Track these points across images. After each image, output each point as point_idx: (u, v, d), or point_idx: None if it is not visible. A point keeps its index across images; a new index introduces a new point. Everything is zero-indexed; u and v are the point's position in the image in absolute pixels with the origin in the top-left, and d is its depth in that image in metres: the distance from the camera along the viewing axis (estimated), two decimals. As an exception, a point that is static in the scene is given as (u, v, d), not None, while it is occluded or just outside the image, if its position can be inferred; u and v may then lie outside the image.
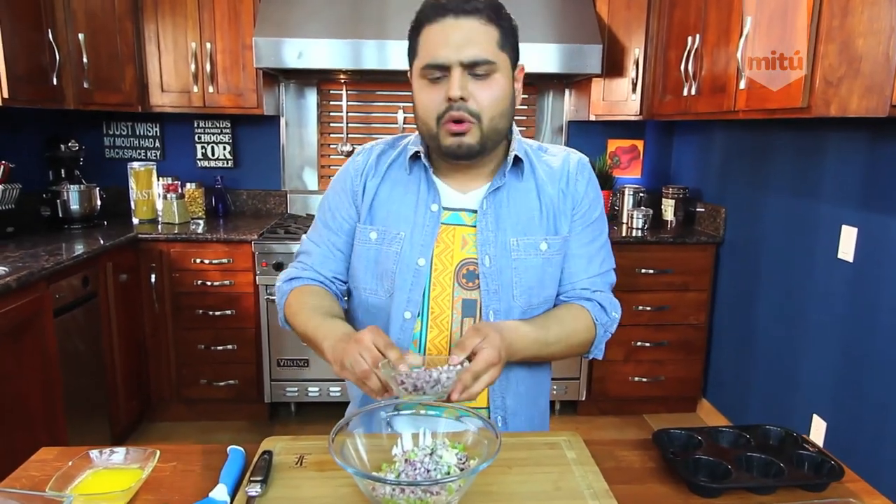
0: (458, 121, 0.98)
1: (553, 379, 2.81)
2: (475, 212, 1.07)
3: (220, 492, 0.83)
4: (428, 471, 0.78)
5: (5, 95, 2.17)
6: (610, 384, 2.92)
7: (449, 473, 0.79)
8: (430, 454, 0.81)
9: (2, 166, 2.43)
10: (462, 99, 0.96)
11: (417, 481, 0.76)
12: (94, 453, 0.87)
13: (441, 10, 0.97)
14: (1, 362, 1.82)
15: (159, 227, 2.85)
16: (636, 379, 2.92)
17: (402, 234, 1.07)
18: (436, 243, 1.06)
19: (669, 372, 2.93)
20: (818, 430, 2.14)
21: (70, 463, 0.83)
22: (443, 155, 1.04)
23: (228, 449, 0.94)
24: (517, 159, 1.07)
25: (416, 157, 1.09)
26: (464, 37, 0.96)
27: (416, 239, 1.06)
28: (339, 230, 1.13)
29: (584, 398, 2.91)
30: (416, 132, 1.10)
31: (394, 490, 0.72)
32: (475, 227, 1.06)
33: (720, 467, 0.89)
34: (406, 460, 0.80)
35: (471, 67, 0.97)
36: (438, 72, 0.98)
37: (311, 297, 1.09)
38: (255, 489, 0.81)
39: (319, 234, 1.16)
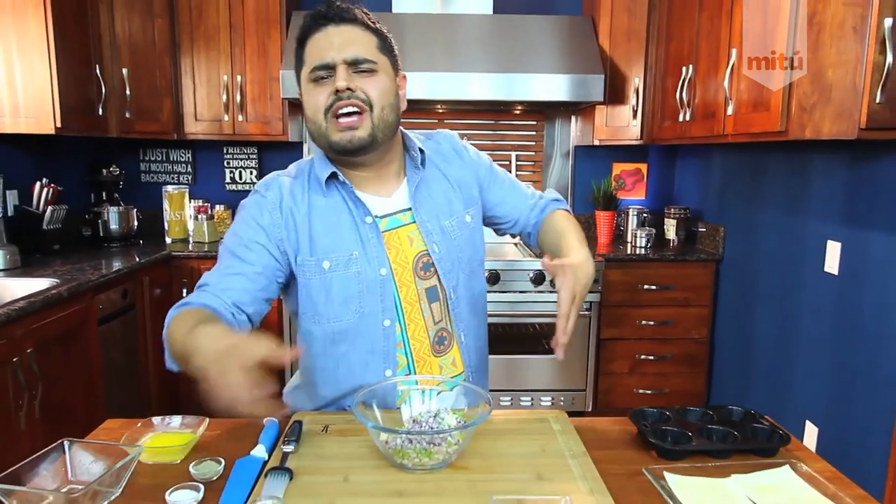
0: (348, 114, 1.04)
1: (559, 390, 2.98)
2: (408, 209, 1.17)
3: (260, 450, 0.99)
4: (432, 428, 0.94)
5: (58, 125, 2.40)
6: (615, 396, 3.04)
7: (450, 433, 0.95)
8: (434, 416, 0.97)
9: (51, 189, 2.66)
10: (349, 90, 1.04)
11: (424, 430, 0.92)
12: (155, 420, 1.04)
13: (322, 21, 1.07)
14: (52, 365, 2.01)
15: (190, 245, 3.05)
16: (641, 391, 3.03)
17: (356, 253, 1.11)
18: (388, 250, 1.14)
19: (674, 385, 3.05)
20: (811, 436, 2.25)
21: (139, 424, 1.00)
22: (335, 153, 1.10)
23: (265, 420, 1.11)
24: (421, 151, 1.18)
25: (330, 178, 1.13)
26: (345, 39, 1.05)
27: (371, 253, 1.12)
28: (255, 262, 1.08)
29: (590, 409, 3.03)
30: (310, 157, 1.18)
31: (403, 441, 0.88)
32: (414, 223, 1.17)
33: (684, 436, 1.03)
34: (413, 420, 0.96)
35: (354, 66, 1.05)
36: (325, 71, 1.05)
37: (188, 320, 0.96)
38: (289, 447, 0.97)
39: (226, 265, 1.09)
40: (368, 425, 0.89)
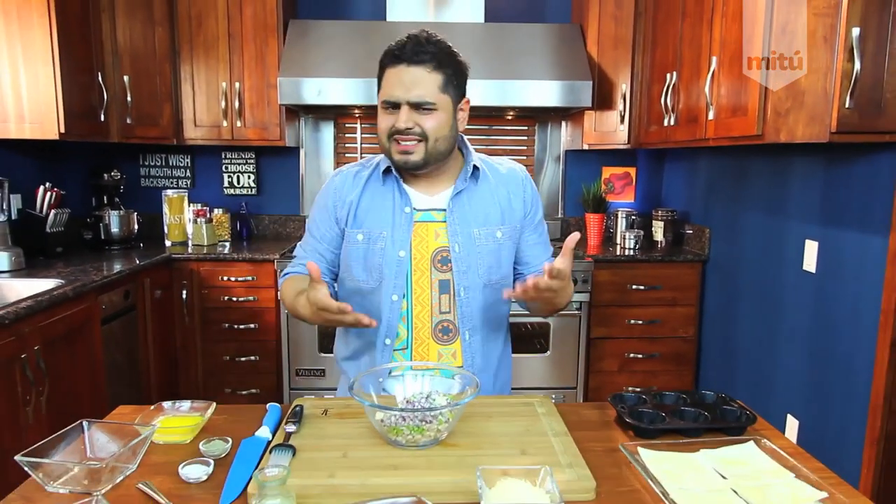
0: (406, 141, 1.26)
1: (550, 388, 3.06)
2: (443, 210, 1.35)
3: (264, 431, 1.07)
4: (424, 407, 1.01)
5: (62, 131, 2.47)
6: (605, 394, 3.10)
7: (440, 413, 1.03)
8: (426, 397, 1.04)
9: (54, 193, 2.73)
10: (408, 129, 1.25)
11: (416, 408, 0.99)
12: (166, 404, 1.12)
13: (397, 59, 1.25)
14: (58, 363, 2.07)
15: (189, 248, 3.12)
16: (630, 389, 3.11)
17: (385, 233, 1.33)
18: (413, 237, 1.33)
19: (662, 382, 3.13)
20: (792, 429, 2.33)
21: (152, 407, 1.08)
22: (395, 167, 1.32)
23: (268, 405, 1.18)
24: (475, 168, 1.36)
25: (387, 171, 1.35)
26: (412, 81, 1.24)
27: (397, 236, 1.32)
28: (322, 239, 1.40)
29: (581, 407, 3.10)
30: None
31: (397, 419, 0.96)
32: (445, 222, 1.34)
33: (659, 417, 1.11)
34: (407, 401, 1.04)
35: (416, 107, 1.25)
36: (392, 107, 1.26)
37: (294, 283, 1.35)
38: (291, 427, 1.05)
39: (307, 241, 1.44)
40: (365, 404, 0.97)
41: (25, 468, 0.90)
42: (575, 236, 1.15)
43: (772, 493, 0.91)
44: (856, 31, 1.68)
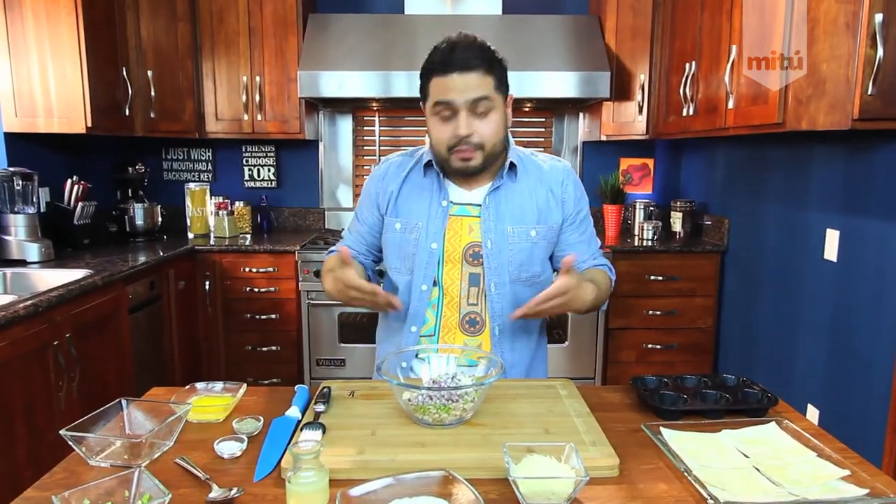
0: (465, 151, 1.26)
1: (568, 378, 3.06)
2: (479, 205, 1.36)
3: (294, 411, 1.10)
4: (450, 387, 1.04)
5: (89, 125, 2.53)
6: (623, 384, 3.12)
7: (466, 393, 1.05)
8: (452, 378, 1.07)
9: (81, 186, 2.79)
10: (468, 136, 1.25)
11: (442, 386, 1.02)
12: (199, 385, 1.16)
13: (449, 67, 1.24)
14: (89, 350, 2.13)
15: (212, 240, 3.17)
16: (648, 379, 3.11)
17: (420, 224, 1.36)
18: (447, 230, 1.35)
19: (680, 373, 3.11)
20: (812, 418, 2.32)
21: (187, 387, 1.11)
22: (452, 174, 1.35)
23: (296, 387, 1.22)
24: (512, 165, 1.36)
25: (429, 164, 1.38)
26: (467, 85, 1.23)
27: (431, 228, 1.35)
28: (364, 223, 1.46)
29: (599, 397, 3.11)
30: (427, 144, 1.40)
31: (424, 398, 0.99)
32: (479, 217, 1.35)
33: (680, 399, 1.13)
34: (433, 381, 1.07)
35: (474, 106, 1.24)
36: (448, 110, 1.25)
37: (329, 262, 1.39)
38: (321, 407, 1.08)
39: (353, 224, 1.51)
40: (393, 383, 0.99)
41: (70, 442, 0.94)
42: (570, 258, 1.19)
43: (794, 470, 0.92)
44: (878, 18, 1.67)
